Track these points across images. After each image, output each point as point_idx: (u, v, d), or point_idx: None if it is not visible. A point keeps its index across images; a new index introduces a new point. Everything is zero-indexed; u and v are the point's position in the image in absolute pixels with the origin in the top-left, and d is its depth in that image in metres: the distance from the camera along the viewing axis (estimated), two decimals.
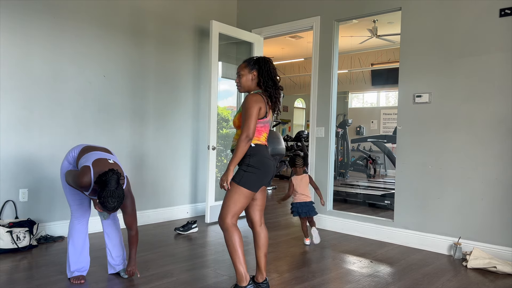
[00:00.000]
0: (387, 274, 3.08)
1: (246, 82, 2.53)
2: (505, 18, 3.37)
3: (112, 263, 2.89)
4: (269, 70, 2.49)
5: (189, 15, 4.93)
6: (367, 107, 11.01)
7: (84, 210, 2.76)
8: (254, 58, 2.55)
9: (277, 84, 2.51)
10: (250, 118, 2.35)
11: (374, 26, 7.57)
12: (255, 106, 2.37)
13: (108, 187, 2.32)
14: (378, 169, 9.21)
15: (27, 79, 3.64)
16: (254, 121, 2.36)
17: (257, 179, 2.40)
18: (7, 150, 3.55)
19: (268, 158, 2.46)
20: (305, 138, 9.65)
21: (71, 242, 2.73)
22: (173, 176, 4.81)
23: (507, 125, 3.37)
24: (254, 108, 2.37)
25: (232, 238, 2.40)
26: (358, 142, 8.60)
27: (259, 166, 2.40)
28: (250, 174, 2.38)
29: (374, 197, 5.81)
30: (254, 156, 2.41)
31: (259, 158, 2.41)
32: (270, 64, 2.51)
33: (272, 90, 2.47)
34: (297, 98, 13.22)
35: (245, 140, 2.34)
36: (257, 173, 2.40)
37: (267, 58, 2.55)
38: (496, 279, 3.05)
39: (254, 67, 2.50)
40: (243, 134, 2.34)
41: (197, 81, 5.05)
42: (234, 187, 2.39)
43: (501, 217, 3.39)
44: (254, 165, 2.39)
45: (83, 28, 3.98)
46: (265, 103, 2.43)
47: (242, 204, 2.41)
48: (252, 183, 2.39)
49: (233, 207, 2.39)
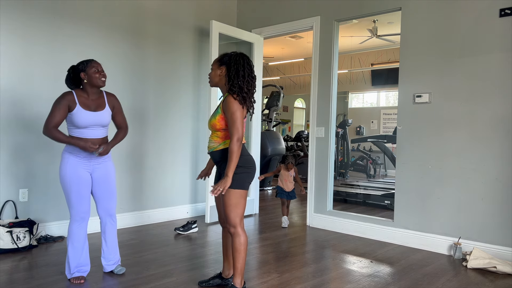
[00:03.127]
0: (387, 274, 3.08)
1: (214, 77, 2.50)
2: (505, 18, 3.37)
3: (104, 264, 2.93)
4: (238, 70, 2.40)
5: (189, 15, 4.93)
6: (367, 107, 11.01)
7: (84, 213, 2.73)
8: (229, 54, 2.48)
9: (250, 84, 2.43)
10: (237, 121, 2.35)
11: (374, 26, 7.57)
12: (240, 108, 2.37)
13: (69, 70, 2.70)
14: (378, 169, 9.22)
15: (27, 79, 3.64)
16: (241, 123, 2.37)
17: (248, 177, 2.46)
18: (7, 150, 3.55)
19: (249, 155, 2.51)
20: (305, 138, 9.65)
21: (71, 244, 2.73)
22: (173, 176, 4.81)
23: (507, 125, 3.37)
24: (239, 110, 2.37)
25: (241, 241, 2.44)
26: (358, 142, 8.60)
27: (246, 165, 2.44)
28: (242, 174, 2.42)
29: (374, 197, 5.81)
30: (240, 157, 2.42)
31: (244, 158, 2.44)
32: (242, 62, 2.42)
33: (237, 90, 2.39)
34: (297, 98, 13.22)
35: (237, 143, 2.33)
36: (247, 172, 2.45)
37: (243, 55, 2.45)
38: (496, 279, 3.05)
39: (223, 64, 2.46)
40: (235, 137, 2.33)
41: (197, 81, 5.05)
42: (231, 192, 2.40)
43: (501, 217, 3.39)
44: (243, 165, 2.43)
45: (83, 28, 3.99)
46: (244, 104, 2.41)
47: (244, 205, 2.46)
48: (245, 183, 2.45)
49: (239, 211, 2.43)
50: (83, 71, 2.68)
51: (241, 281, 2.47)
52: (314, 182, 4.62)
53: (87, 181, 2.72)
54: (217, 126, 2.46)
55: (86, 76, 2.68)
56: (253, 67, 2.49)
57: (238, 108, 2.36)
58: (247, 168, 2.44)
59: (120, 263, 3.03)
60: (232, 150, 2.33)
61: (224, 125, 2.44)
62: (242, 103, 2.39)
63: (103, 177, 2.80)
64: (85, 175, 2.71)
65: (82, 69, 2.68)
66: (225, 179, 2.33)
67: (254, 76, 2.46)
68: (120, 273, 2.91)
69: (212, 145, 2.50)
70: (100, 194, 2.82)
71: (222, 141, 2.46)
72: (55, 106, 2.62)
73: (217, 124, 2.45)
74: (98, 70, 2.69)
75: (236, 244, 2.43)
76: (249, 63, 2.46)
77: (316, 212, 4.60)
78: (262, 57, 5.33)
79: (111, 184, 2.86)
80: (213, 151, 2.50)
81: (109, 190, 2.85)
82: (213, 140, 2.50)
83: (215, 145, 2.48)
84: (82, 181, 2.68)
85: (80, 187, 2.68)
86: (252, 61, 2.53)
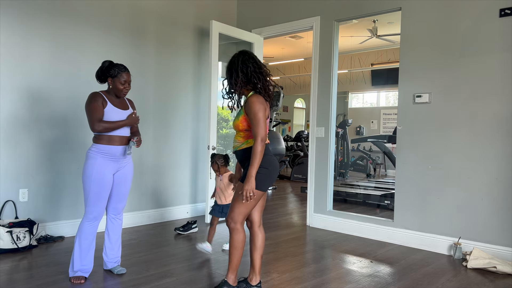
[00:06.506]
0: (387, 274, 3.08)
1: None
2: (505, 18, 3.37)
3: (105, 260, 2.96)
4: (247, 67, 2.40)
5: (189, 15, 4.93)
6: (367, 107, 11.01)
7: (99, 213, 2.75)
8: (230, 60, 2.47)
9: (264, 76, 2.44)
10: (261, 121, 2.35)
11: (374, 26, 7.57)
12: (262, 108, 2.37)
13: (111, 64, 2.75)
14: (378, 169, 9.22)
15: (27, 79, 3.64)
16: (264, 124, 2.37)
17: (268, 178, 2.42)
18: (7, 150, 3.55)
19: (273, 156, 2.49)
20: (305, 138, 9.65)
21: (78, 242, 2.74)
22: (173, 176, 4.81)
23: (507, 125, 3.37)
24: (261, 111, 2.37)
25: (240, 239, 2.43)
26: (358, 142, 8.60)
27: (268, 166, 2.42)
28: (261, 175, 2.39)
29: (374, 197, 5.82)
30: (264, 156, 2.41)
31: (267, 158, 2.43)
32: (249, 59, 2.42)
33: (260, 84, 2.41)
34: (297, 98, 13.23)
35: (261, 143, 2.33)
36: (267, 173, 2.41)
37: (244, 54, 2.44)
38: (496, 279, 3.05)
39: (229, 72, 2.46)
40: (258, 138, 2.33)
41: (197, 81, 5.05)
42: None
43: (501, 217, 3.39)
44: (264, 166, 2.40)
45: (83, 28, 3.99)
46: (265, 102, 2.44)
47: (253, 206, 2.43)
48: (264, 184, 2.41)
49: (245, 210, 2.41)
50: (111, 77, 2.76)
51: (234, 277, 2.48)
52: (314, 182, 4.62)
53: (109, 183, 2.75)
54: (240, 127, 2.47)
55: (112, 83, 2.77)
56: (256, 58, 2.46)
57: (260, 109, 2.36)
58: (267, 169, 2.41)
59: (120, 263, 3.04)
60: (255, 151, 2.32)
61: (247, 126, 2.45)
62: (264, 103, 2.40)
63: (124, 178, 2.86)
64: (109, 177, 2.74)
65: (112, 75, 2.76)
66: (249, 181, 2.32)
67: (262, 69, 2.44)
68: (120, 273, 2.91)
69: (236, 145, 2.52)
70: (116, 193, 2.86)
71: (245, 140, 2.47)
72: (93, 104, 2.69)
73: (240, 125, 2.47)
74: (123, 83, 2.77)
75: (235, 241, 2.43)
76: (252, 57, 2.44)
77: (316, 212, 4.60)
78: (262, 57, 5.33)
79: (128, 186, 2.92)
80: (236, 150, 2.52)
81: (125, 191, 2.91)
82: (237, 139, 2.52)
83: (238, 144, 2.50)
84: (105, 183, 2.72)
85: (101, 189, 2.71)
86: (253, 53, 2.50)
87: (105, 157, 2.71)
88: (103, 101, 2.72)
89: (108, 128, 2.68)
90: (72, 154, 3.93)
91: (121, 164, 2.82)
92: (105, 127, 2.67)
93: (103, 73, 2.79)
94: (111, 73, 2.75)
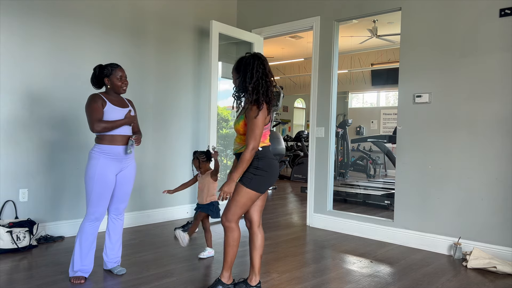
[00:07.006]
0: (387, 274, 3.08)
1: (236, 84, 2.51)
2: (505, 18, 3.37)
3: (105, 260, 2.96)
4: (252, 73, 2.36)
5: (189, 15, 4.93)
6: (367, 107, 11.01)
7: (100, 213, 2.75)
8: (240, 59, 2.45)
9: (268, 83, 2.39)
10: (257, 129, 2.33)
11: (374, 26, 7.57)
12: (262, 116, 2.35)
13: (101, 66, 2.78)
14: (378, 169, 9.22)
15: (27, 79, 3.64)
16: (260, 132, 2.35)
17: (266, 181, 2.42)
18: (7, 150, 3.54)
19: (274, 159, 2.49)
20: (305, 138, 9.65)
21: (79, 242, 2.74)
22: (173, 176, 4.81)
23: (507, 125, 3.37)
24: (261, 119, 2.34)
25: (235, 237, 2.44)
26: (358, 142, 8.60)
27: (267, 169, 2.42)
28: (260, 177, 2.39)
29: (374, 197, 5.81)
30: (262, 159, 2.42)
31: (267, 161, 2.43)
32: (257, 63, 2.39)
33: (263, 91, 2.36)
34: (297, 98, 13.22)
35: (251, 151, 2.33)
36: (266, 176, 2.41)
37: (256, 57, 2.41)
38: (496, 279, 3.05)
39: (239, 71, 2.44)
40: (250, 145, 2.32)
41: (197, 81, 5.05)
42: (243, 190, 2.39)
43: (501, 217, 3.39)
44: (263, 168, 2.40)
45: (83, 28, 3.98)
46: (267, 109, 2.40)
47: (249, 206, 2.44)
48: (261, 186, 2.41)
49: (240, 210, 2.42)
50: (107, 77, 2.77)
51: (229, 275, 2.49)
52: (314, 182, 4.61)
53: (111, 184, 2.75)
54: (241, 131, 2.47)
55: (109, 82, 2.78)
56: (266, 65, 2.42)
57: (261, 116, 2.33)
58: (265, 171, 2.40)
59: (120, 263, 3.04)
60: (244, 158, 2.32)
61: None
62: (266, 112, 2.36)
63: (126, 178, 2.87)
64: (111, 178, 2.75)
65: (107, 74, 2.77)
66: (229, 184, 2.34)
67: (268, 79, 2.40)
68: (120, 273, 2.91)
69: (236, 147, 2.52)
70: (118, 194, 2.87)
71: (245, 143, 2.45)
72: (92, 105, 2.69)
73: (241, 129, 2.46)
74: (120, 79, 2.79)
75: (230, 239, 2.44)
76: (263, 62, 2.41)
77: (316, 212, 4.60)
78: None
79: (130, 187, 2.93)
80: (236, 153, 2.52)
81: (128, 192, 2.92)
82: (237, 142, 2.52)
83: (239, 147, 2.49)
84: (107, 184, 2.72)
85: (103, 189, 2.71)
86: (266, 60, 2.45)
87: (107, 157, 2.72)
88: (103, 102, 2.73)
89: (107, 128, 2.69)
90: (72, 154, 3.93)
91: (124, 164, 2.82)
92: (104, 127, 2.68)
93: (97, 77, 2.80)
94: (105, 72, 2.77)
